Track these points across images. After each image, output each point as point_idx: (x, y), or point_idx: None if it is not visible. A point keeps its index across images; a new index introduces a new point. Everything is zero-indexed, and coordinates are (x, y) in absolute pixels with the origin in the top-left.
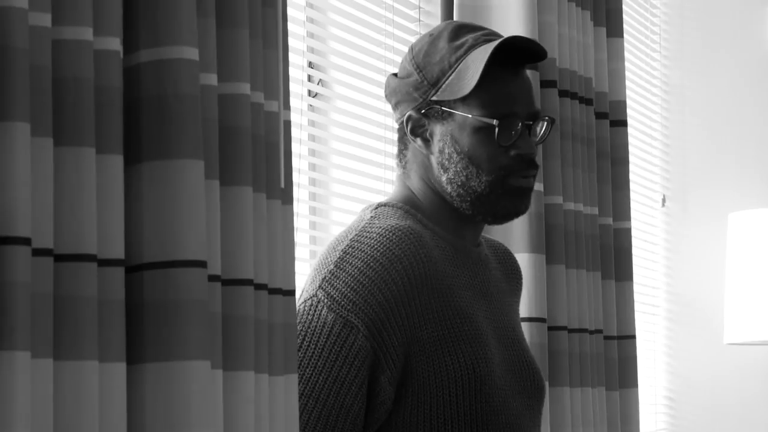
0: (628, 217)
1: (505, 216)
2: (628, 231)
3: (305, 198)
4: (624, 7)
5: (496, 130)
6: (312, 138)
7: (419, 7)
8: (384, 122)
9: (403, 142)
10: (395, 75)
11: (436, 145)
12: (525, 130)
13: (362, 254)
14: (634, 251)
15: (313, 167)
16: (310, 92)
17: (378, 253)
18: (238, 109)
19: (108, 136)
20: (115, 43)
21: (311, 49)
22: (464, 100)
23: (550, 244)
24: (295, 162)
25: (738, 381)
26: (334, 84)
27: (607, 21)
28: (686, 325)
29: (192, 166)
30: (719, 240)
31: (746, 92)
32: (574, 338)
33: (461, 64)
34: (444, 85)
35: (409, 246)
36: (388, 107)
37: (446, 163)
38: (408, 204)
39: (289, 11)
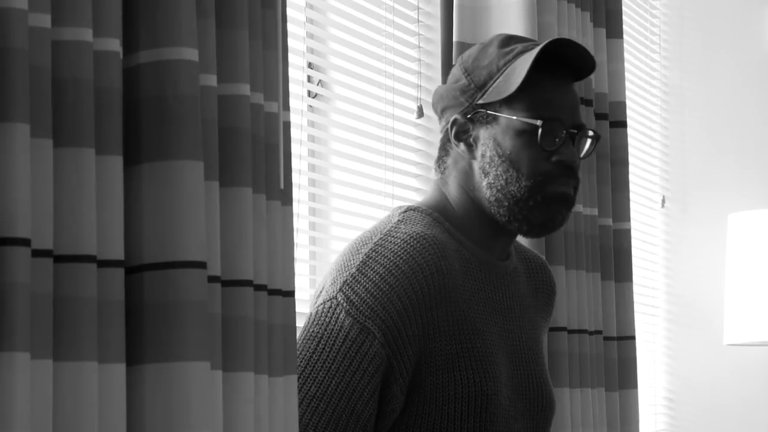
0: (627, 218)
1: (540, 225)
2: (628, 232)
3: (305, 199)
4: (624, 8)
5: (540, 131)
6: (312, 139)
7: (418, 8)
8: (384, 123)
9: (445, 149)
10: (444, 84)
11: (479, 150)
12: (568, 138)
13: (385, 260)
14: (634, 252)
15: (312, 168)
16: (309, 93)
17: (400, 261)
18: (238, 110)
19: (108, 137)
20: (114, 44)
21: (311, 50)
22: (509, 103)
23: (550, 245)
24: (295, 163)
25: (738, 382)
26: (333, 85)
27: (607, 22)
28: (686, 326)
29: (192, 167)
30: (719, 241)
31: (746, 93)
32: (574, 339)
33: (509, 68)
34: (491, 88)
35: (432, 256)
36: (389, 108)
37: (487, 167)
38: (438, 211)
39: (289, 12)
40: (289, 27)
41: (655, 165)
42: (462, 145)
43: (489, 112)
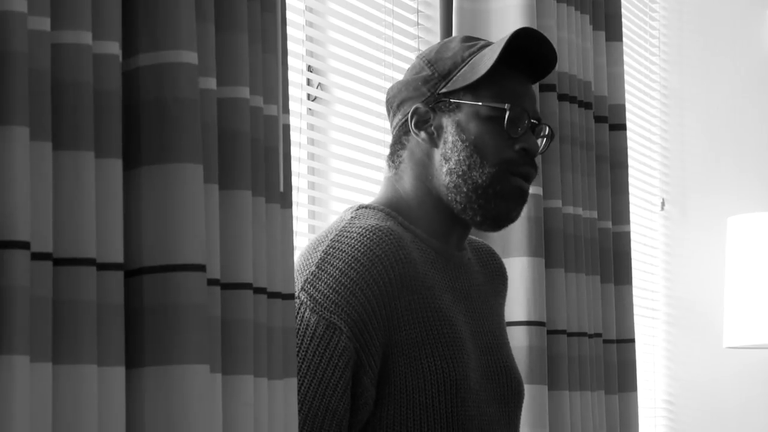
0: (627, 221)
1: (493, 218)
2: (627, 234)
3: (304, 202)
4: (623, 11)
5: (507, 114)
6: (311, 142)
7: (418, 11)
8: (383, 126)
9: (400, 143)
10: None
11: (441, 138)
12: (530, 128)
13: (343, 254)
14: (634, 255)
15: (312, 171)
16: (309, 96)
17: (359, 253)
18: (237, 113)
19: (107, 140)
20: (114, 47)
21: (310, 53)
22: (474, 91)
23: (549, 248)
24: (294, 166)
25: (737, 384)
26: (333, 88)
27: (606, 25)
28: (686, 329)
29: (191, 170)
30: (718, 243)
31: (745, 96)
32: (574, 342)
33: (475, 58)
34: (455, 77)
35: (389, 246)
36: None
37: (449, 152)
38: (390, 207)
39: (289, 15)
40: (289, 30)
41: (654, 168)
42: (422, 134)
43: (453, 100)
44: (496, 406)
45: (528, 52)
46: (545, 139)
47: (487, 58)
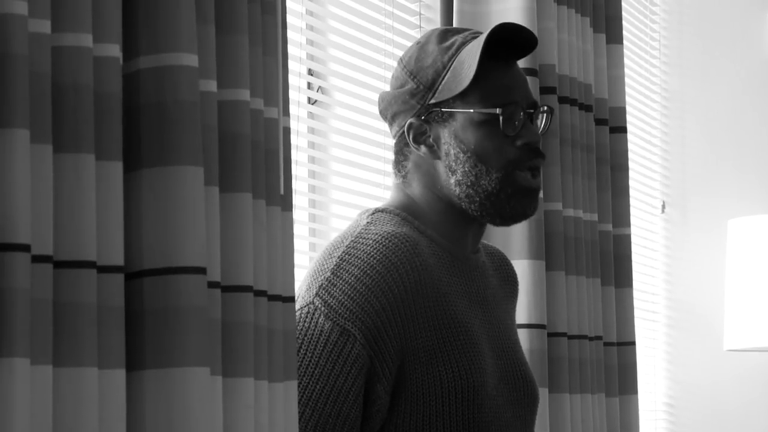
0: (627, 224)
1: (512, 217)
2: (628, 237)
3: (304, 205)
4: (623, 14)
5: (500, 118)
6: (311, 145)
7: (419, 14)
8: (383, 129)
9: (402, 154)
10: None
11: (442, 149)
12: (527, 118)
13: (359, 261)
14: (634, 257)
15: (312, 174)
16: (309, 99)
17: (375, 260)
18: (238, 116)
19: (107, 143)
20: (114, 50)
21: (311, 57)
22: (463, 97)
23: (550, 251)
24: (294, 169)
25: (738, 387)
26: (333, 91)
27: (607, 27)
28: (686, 332)
29: (191, 173)
30: (719, 246)
31: (745, 99)
32: (574, 344)
33: (455, 62)
34: (441, 86)
35: (405, 253)
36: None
37: (453, 164)
38: (405, 210)
39: (289, 19)
40: (289, 34)
41: (655, 170)
42: (423, 148)
43: (444, 110)
44: (512, 410)
45: (507, 40)
46: (544, 115)
47: (467, 65)
